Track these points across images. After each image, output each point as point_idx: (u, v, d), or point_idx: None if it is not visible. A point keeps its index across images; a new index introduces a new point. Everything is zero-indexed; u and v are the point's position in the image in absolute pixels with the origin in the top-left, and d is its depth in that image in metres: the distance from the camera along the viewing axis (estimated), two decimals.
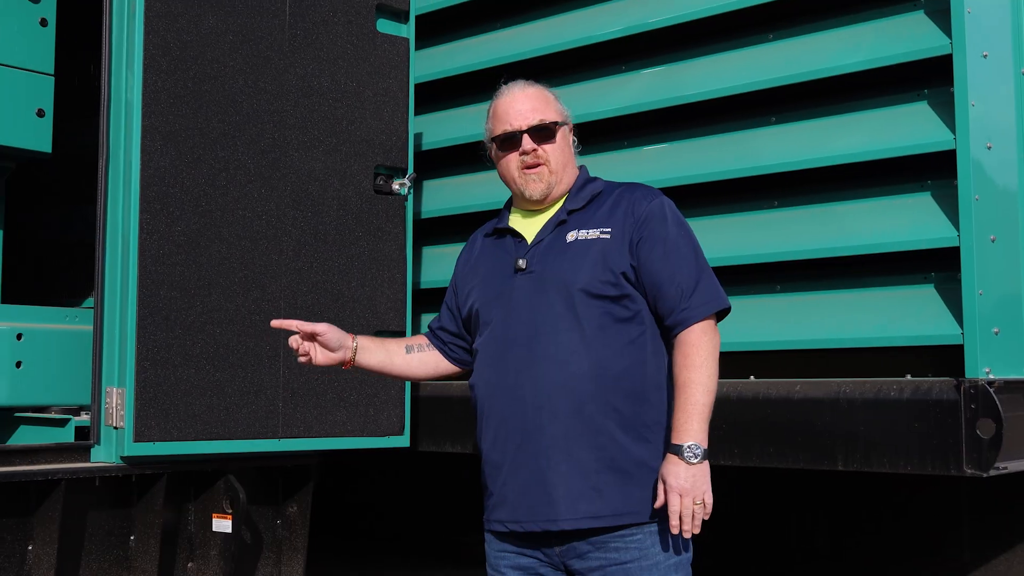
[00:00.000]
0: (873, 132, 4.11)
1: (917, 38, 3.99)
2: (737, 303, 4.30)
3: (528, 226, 3.02)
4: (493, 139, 3.02)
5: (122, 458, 3.87)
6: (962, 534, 5.29)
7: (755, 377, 4.31)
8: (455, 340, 3.17)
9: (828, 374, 4.13)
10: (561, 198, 3.01)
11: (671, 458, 2.77)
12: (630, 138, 4.80)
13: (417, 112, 4.85)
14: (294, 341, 2.99)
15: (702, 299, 2.85)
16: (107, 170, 3.89)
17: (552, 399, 2.81)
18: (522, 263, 2.93)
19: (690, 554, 2.85)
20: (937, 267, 3.93)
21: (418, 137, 5.17)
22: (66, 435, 4.17)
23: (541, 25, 5.11)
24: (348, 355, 3.04)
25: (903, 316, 3.98)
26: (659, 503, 2.79)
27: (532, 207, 3.02)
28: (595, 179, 3.06)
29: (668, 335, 2.90)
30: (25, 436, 4.34)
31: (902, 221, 4.01)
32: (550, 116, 2.98)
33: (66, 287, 4.84)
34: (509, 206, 3.12)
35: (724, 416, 4.16)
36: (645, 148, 4.76)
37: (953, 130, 3.83)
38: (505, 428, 2.88)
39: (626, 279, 2.85)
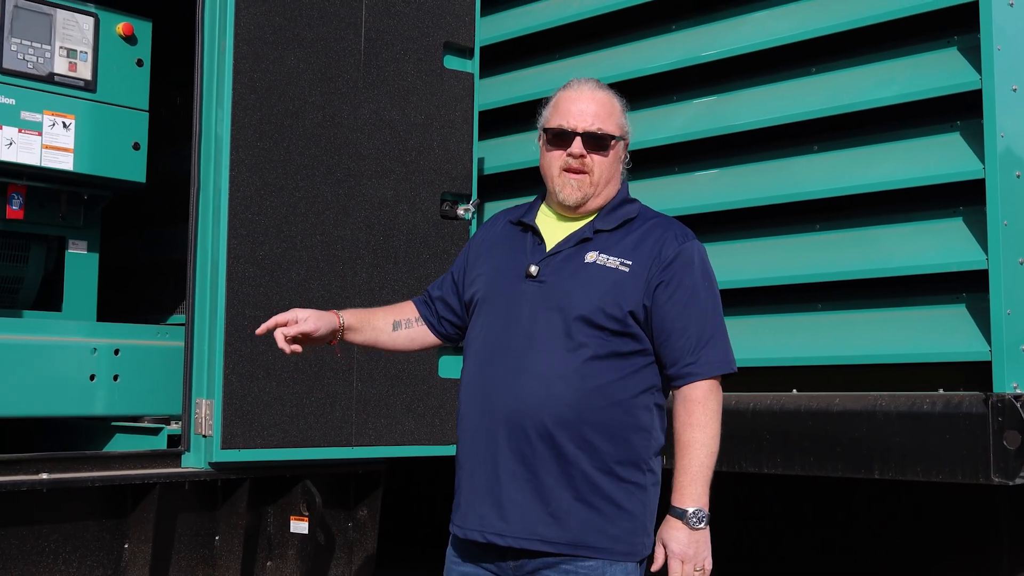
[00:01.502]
0: (908, 161, 4.24)
1: (950, 73, 4.13)
2: (780, 320, 4.56)
3: (553, 230, 2.88)
4: (546, 129, 2.89)
5: (210, 464, 4.12)
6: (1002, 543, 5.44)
7: (797, 390, 4.43)
8: (449, 315, 3.06)
9: (865, 388, 4.23)
10: (594, 212, 2.87)
11: (673, 522, 2.69)
12: (680, 164, 4.96)
13: (479, 138, 5.09)
14: (281, 339, 2.90)
15: (714, 356, 2.74)
16: (198, 198, 4.17)
17: (527, 418, 2.68)
18: (534, 270, 2.79)
19: None
20: (967, 288, 4.05)
21: (480, 162, 5.44)
22: (159, 443, 4.42)
23: (596, 56, 5.31)
24: (336, 337, 2.99)
25: (935, 334, 4.10)
26: (657, 566, 2.70)
27: (563, 211, 2.89)
28: (633, 201, 2.92)
29: (668, 383, 2.79)
30: (120, 443, 4.59)
31: (935, 245, 4.14)
32: (610, 127, 2.85)
33: (150, 305, 5.16)
34: (540, 200, 2.98)
35: (767, 427, 4.33)
36: (695, 174, 4.92)
37: (983, 160, 3.95)
38: (476, 431, 2.77)
39: (633, 318, 2.72)
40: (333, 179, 4.36)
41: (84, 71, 4.33)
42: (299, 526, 4.39)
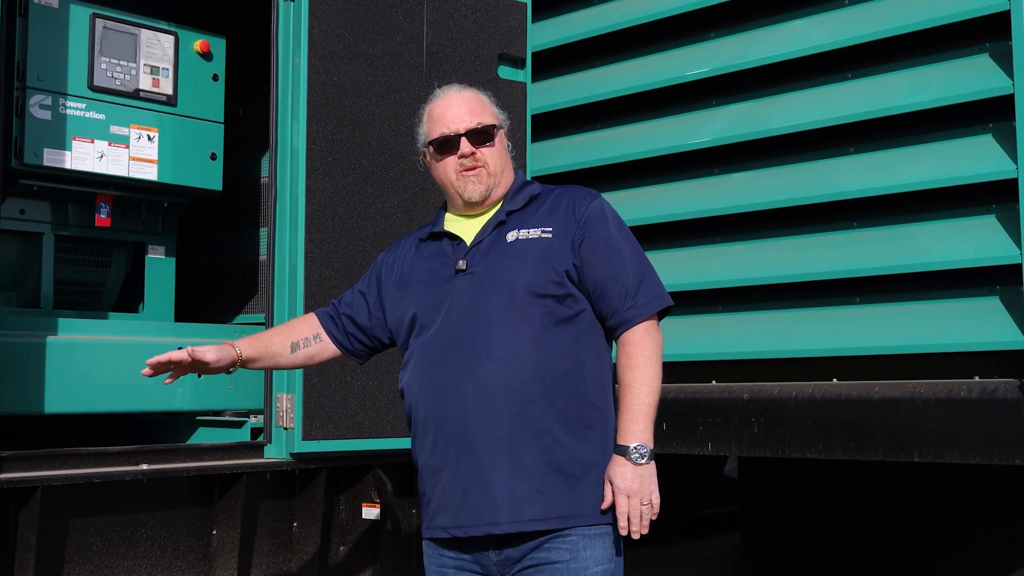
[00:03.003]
0: (943, 162, 4.44)
1: (983, 78, 4.32)
2: (821, 313, 4.79)
3: (466, 228, 2.92)
4: (430, 143, 2.93)
5: (291, 455, 4.36)
6: None
7: (838, 379, 4.61)
8: (357, 332, 3.08)
9: (904, 376, 4.42)
10: (498, 201, 2.93)
11: (617, 459, 2.71)
12: (720, 166, 5.17)
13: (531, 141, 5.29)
14: (161, 365, 2.94)
15: (646, 298, 2.77)
16: (275, 205, 4.43)
17: (495, 400, 2.68)
18: (462, 264, 2.82)
19: (621, 562, 2.78)
20: (1001, 281, 4.25)
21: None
22: (242, 435, 4.68)
23: (639, 63, 5.53)
24: (235, 367, 3.03)
25: (971, 324, 4.29)
26: (606, 504, 2.71)
27: (469, 211, 2.93)
28: (531, 182, 2.98)
29: (611, 335, 2.83)
30: (204, 436, 4.87)
31: (970, 241, 4.32)
32: (487, 119, 2.91)
33: (219, 305, 5.42)
34: (443, 211, 3.02)
35: (810, 414, 4.51)
36: (735, 176, 5.12)
37: (1015, 160, 4.13)
38: (445, 431, 2.74)
39: (569, 278, 2.76)
40: (400, 186, 4.62)
41: (166, 86, 4.60)
42: (370, 512, 4.63)
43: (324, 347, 3.13)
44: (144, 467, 4.06)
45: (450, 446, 2.74)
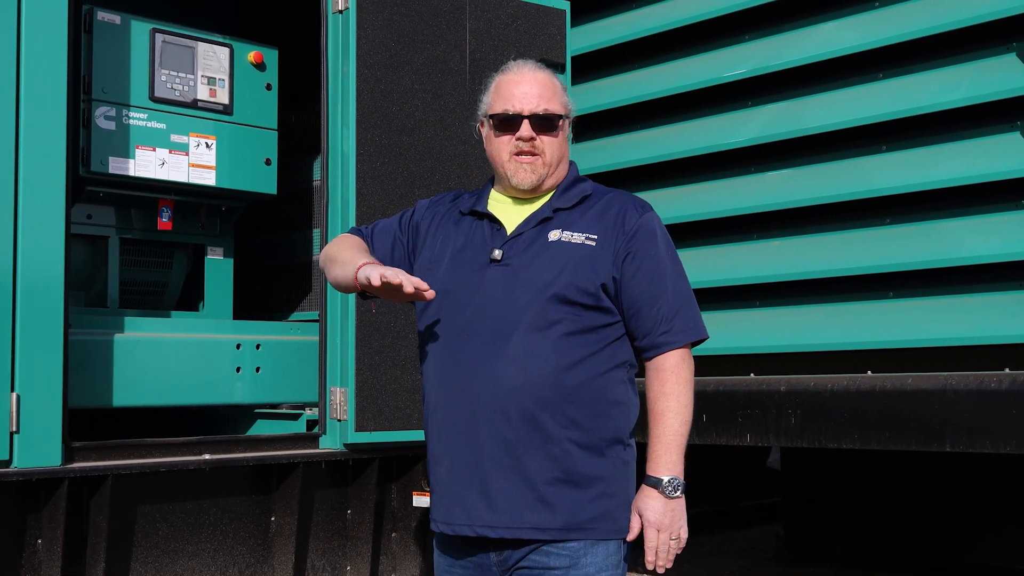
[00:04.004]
0: (973, 159, 4.55)
1: (1010, 77, 4.44)
2: (854, 308, 4.93)
3: (509, 215, 2.79)
4: (491, 116, 2.78)
5: (345, 445, 4.54)
6: None
7: (872, 372, 4.73)
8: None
9: (936, 368, 4.52)
10: (548, 192, 2.79)
11: (649, 491, 2.64)
12: (757, 165, 5.33)
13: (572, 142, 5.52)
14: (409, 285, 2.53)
15: (683, 325, 2.68)
16: (327, 207, 4.63)
17: (507, 401, 2.59)
18: (498, 254, 2.69)
19: (624, 568, 2.71)
20: None
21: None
22: (298, 427, 4.87)
23: (677, 65, 5.70)
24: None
25: (1001, 318, 4.40)
26: (632, 536, 2.66)
27: (516, 195, 2.81)
28: (584, 179, 2.85)
29: (638, 355, 2.73)
30: (262, 428, 5.07)
31: (999, 236, 4.44)
32: (555, 107, 2.75)
33: (274, 303, 5.61)
34: (489, 186, 2.89)
35: (845, 406, 4.63)
36: (770, 174, 5.27)
37: None
38: (452, 423, 2.67)
39: (604, 291, 2.65)
40: (445, 188, 4.79)
41: (222, 96, 4.82)
42: (421, 501, 4.79)
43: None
44: (207, 457, 4.28)
45: (454, 440, 2.66)
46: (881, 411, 4.56)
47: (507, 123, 2.73)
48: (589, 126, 5.95)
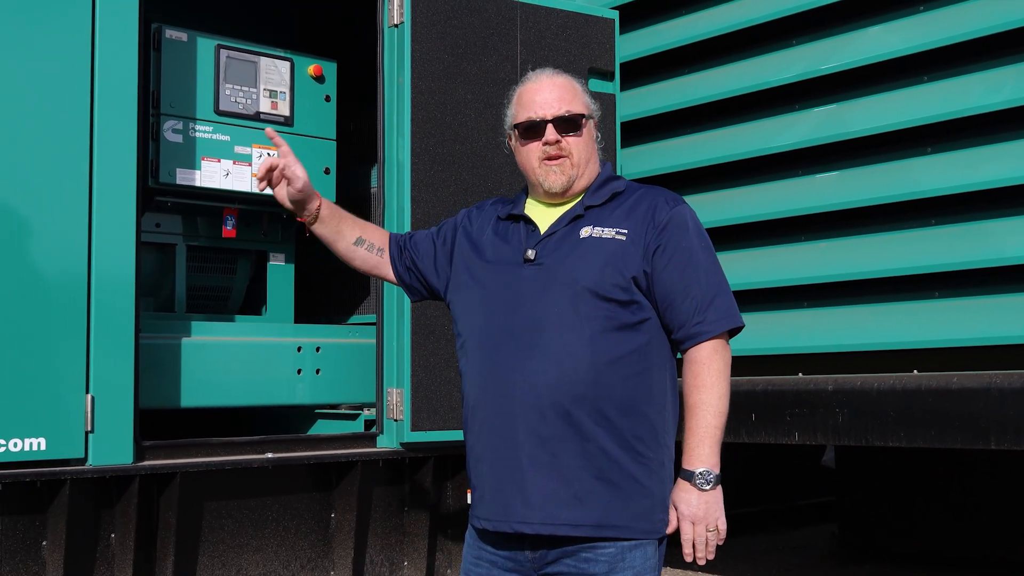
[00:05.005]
0: (1016, 160, 4.57)
1: None
2: (900, 308, 4.99)
3: (543, 216, 2.82)
4: (515, 126, 2.83)
5: (401, 444, 4.70)
6: None
7: (918, 371, 4.77)
8: (419, 274, 3.02)
9: (981, 367, 4.55)
10: (580, 193, 2.82)
11: (682, 484, 2.64)
12: (804, 168, 5.39)
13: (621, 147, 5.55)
14: (265, 168, 2.91)
15: (717, 315, 2.66)
16: (384, 214, 4.80)
17: (542, 398, 2.61)
18: (531, 254, 2.73)
19: (659, 572, 2.70)
20: None
21: (619, 170, 5.93)
22: (356, 427, 5.04)
23: (724, 70, 5.76)
24: (308, 216, 3.02)
25: None
26: (671, 529, 2.67)
27: (549, 199, 2.84)
28: (617, 177, 2.87)
29: (676, 348, 2.74)
30: (322, 427, 5.25)
31: None
32: (577, 108, 2.79)
33: (335, 307, 5.80)
34: (524, 194, 2.94)
35: (891, 405, 4.66)
36: (817, 177, 5.33)
37: None
38: (491, 421, 2.69)
39: (636, 284, 2.66)
40: (496, 195, 4.93)
41: (283, 108, 5.01)
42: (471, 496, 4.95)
43: (381, 264, 3.09)
44: (269, 455, 4.47)
45: (494, 438, 2.68)
46: (927, 410, 4.59)
47: (532, 130, 2.79)
48: (638, 131, 6.05)
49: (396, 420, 4.74)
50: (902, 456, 7.07)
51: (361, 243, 3.07)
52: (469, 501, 4.83)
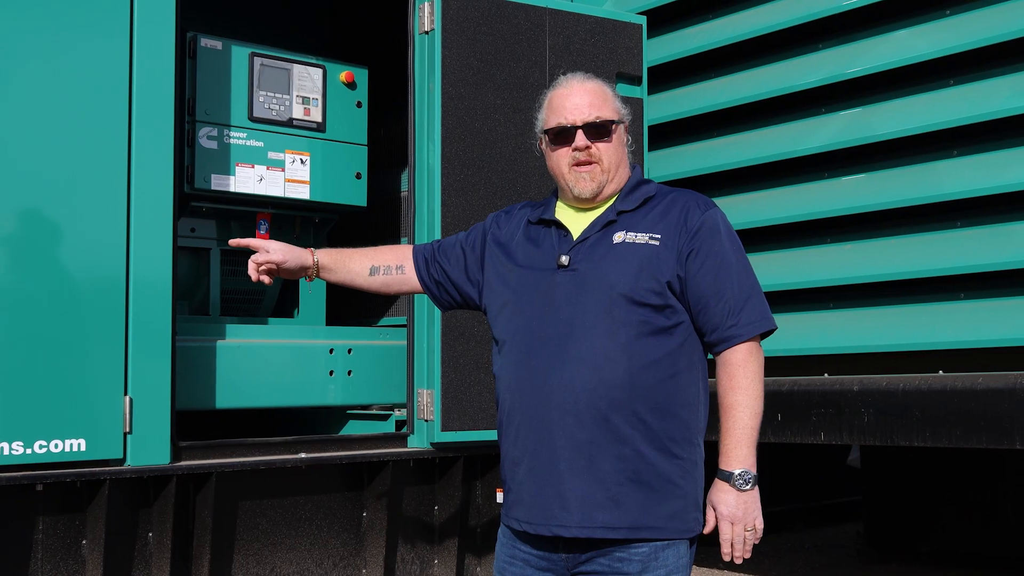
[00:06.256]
0: None
1: None
2: (926, 309, 5.02)
3: (575, 221, 2.83)
4: (546, 131, 2.85)
5: (431, 444, 4.77)
6: None
7: (943, 371, 4.81)
8: (449, 286, 3.02)
9: (1006, 368, 4.58)
10: (611, 197, 2.83)
11: (721, 485, 2.68)
12: (831, 170, 5.43)
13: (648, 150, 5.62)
14: (253, 270, 2.96)
15: (750, 317, 2.69)
16: (414, 218, 4.87)
17: (579, 403, 2.64)
18: (565, 259, 2.74)
19: (689, 572, 2.73)
20: None
21: (647, 173, 5.98)
22: (387, 427, 5.12)
23: (751, 74, 5.80)
24: (310, 272, 3.02)
25: None
26: (708, 529, 2.71)
27: (579, 204, 2.85)
28: (648, 181, 2.88)
29: (709, 350, 2.77)
30: (353, 428, 5.34)
31: None
32: (607, 113, 2.80)
33: (366, 309, 5.87)
34: (554, 198, 2.94)
35: (917, 405, 4.69)
36: (843, 179, 5.37)
37: None
38: (527, 427, 2.71)
39: (670, 289, 2.68)
40: (526, 200, 5.00)
41: (316, 115, 5.09)
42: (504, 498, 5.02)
43: (406, 280, 3.10)
44: (303, 455, 4.56)
45: (531, 442, 2.70)
46: (952, 410, 4.62)
47: (562, 136, 2.80)
48: (666, 134, 6.09)
49: (426, 420, 4.81)
50: (927, 456, 7.10)
51: (376, 271, 3.10)
52: (500, 500, 4.99)
